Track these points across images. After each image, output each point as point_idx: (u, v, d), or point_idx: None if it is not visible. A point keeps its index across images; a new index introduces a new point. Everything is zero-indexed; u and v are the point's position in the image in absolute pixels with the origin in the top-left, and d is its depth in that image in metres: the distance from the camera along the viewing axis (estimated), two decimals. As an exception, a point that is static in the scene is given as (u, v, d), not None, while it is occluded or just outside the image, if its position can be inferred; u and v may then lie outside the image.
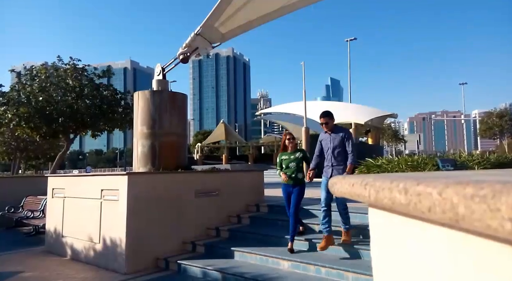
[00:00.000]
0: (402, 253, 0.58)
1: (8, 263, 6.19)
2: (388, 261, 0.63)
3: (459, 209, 0.36)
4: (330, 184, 0.75)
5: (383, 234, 0.65)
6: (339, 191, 0.68)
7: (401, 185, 0.46)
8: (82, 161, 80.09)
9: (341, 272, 4.21)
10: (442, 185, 0.39)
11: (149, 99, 7.13)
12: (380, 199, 0.51)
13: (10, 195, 10.51)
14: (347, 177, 0.66)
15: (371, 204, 0.58)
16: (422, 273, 0.51)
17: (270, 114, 47.44)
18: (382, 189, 0.50)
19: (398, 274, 0.59)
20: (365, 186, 0.55)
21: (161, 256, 5.66)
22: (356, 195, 0.59)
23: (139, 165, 7.04)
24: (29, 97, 12.10)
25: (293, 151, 5.26)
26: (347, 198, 4.20)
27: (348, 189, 0.62)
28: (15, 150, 19.79)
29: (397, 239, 0.59)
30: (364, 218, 5.35)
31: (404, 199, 0.45)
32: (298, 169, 5.13)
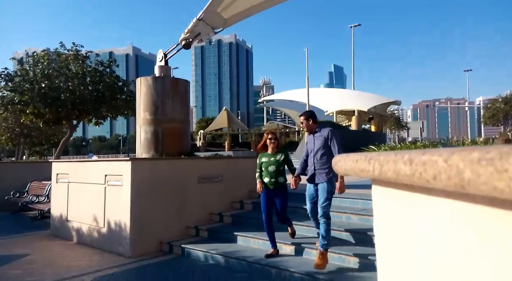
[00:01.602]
0: (405, 228, 0.58)
1: (15, 246, 6.30)
2: (391, 237, 0.64)
3: (465, 174, 0.36)
4: (333, 162, 0.75)
5: (386, 210, 0.66)
6: (343, 168, 0.68)
7: (406, 157, 0.46)
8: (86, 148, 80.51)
9: (343, 256, 4.26)
10: (448, 152, 0.39)
11: (151, 85, 7.12)
12: (384, 172, 0.51)
13: (15, 180, 10.63)
14: (350, 154, 0.66)
15: (375, 179, 0.58)
16: (426, 247, 0.52)
17: (273, 101, 47.24)
18: (386, 162, 0.50)
19: (401, 249, 0.60)
20: (369, 161, 0.55)
21: (165, 241, 5.75)
22: (360, 171, 0.59)
23: (142, 151, 7.07)
24: (32, 83, 12.09)
25: (274, 152, 4.75)
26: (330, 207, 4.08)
27: (352, 165, 0.62)
28: (19, 136, 19.91)
29: (400, 214, 0.60)
30: (366, 203, 5.39)
31: (409, 170, 0.45)
32: (279, 172, 4.66)
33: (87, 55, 13.53)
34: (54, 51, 13.38)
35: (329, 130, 4.22)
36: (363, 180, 8.17)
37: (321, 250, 4.07)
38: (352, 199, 5.62)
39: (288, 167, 4.76)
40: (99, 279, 4.52)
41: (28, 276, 4.62)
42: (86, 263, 5.21)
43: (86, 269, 4.91)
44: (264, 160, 4.75)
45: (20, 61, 13.55)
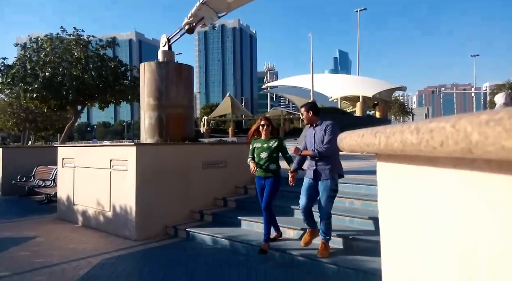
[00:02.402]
0: (411, 202, 0.58)
1: (23, 228, 6.42)
2: (396, 212, 0.64)
3: (472, 136, 0.36)
4: (339, 139, 0.74)
5: (391, 185, 0.65)
6: (348, 145, 0.67)
7: (413, 126, 0.46)
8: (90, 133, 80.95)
9: (346, 240, 4.29)
10: (455, 118, 0.39)
11: (155, 70, 7.08)
12: (390, 144, 0.51)
13: (21, 164, 10.76)
14: (356, 130, 0.66)
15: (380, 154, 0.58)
16: (432, 219, 0.52)
17: (277, 87, 46.94)
18: (393, 133, 0.50)
19: (406, 223, 0.60)
20: (375, 134, 0.55)
21: (170, 224, 5.83)
22: (366, 145, 0.58)
23: (147, 137, 7.10)
24: (35, 69, 12.07)
25: (267, 138, 4.57)
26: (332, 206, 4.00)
27: (358, 140, 0.61)
28: (24, 121, 20.04)
29: (405, 189, 0.60)
30: (370, 189, 5.40)
31: (416, 139, 0.45)
32: (271, 159, 4.47)
33: (89, 40, 13.46)
34: (56, 36, 13.32)
35: (329, 123, 3.99)
36: (367, 165, 8.21)
37: (323, 241, 4.08)
38: (355, 185, 5.64)
39: (283, 154, 4.53)
40: (106, 261, 4.61)
41: (36, 258, 4.72)
42: (92, 246, 5.30)
43: (93, 251, 5.01)
44: (256, 145, 4.59)
45: (24, 46, 13.51)
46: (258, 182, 4.62)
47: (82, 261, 4.56)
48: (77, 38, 13.08)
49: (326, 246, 4.08)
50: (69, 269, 4.30)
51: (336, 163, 4.01)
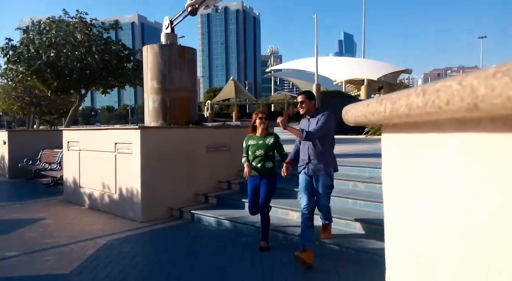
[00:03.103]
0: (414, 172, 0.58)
1: (31, 210, 6.54)
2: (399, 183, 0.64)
3: (479, 91, 0.36)
4: (343, 112, 0.74)
5: (395, 156, 0.65)
6: (353, 116, 0.67)
7: (419, 89, 0.46)
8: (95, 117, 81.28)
9: (349, 222, 4.35)
10: (462, 76, 0.40)
11: (158, 53, 7.03)
12: (396, 109, 0.51)
13: (27, 148, 10.87)
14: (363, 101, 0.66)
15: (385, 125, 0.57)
16: (435, 186, 0.52)
17: (281, 71, 46.50)
18: (399, 98, 0.50)
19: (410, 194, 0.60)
20: (381, 102, 0.55)
21: (175, 207, 5.91)
22: (371, 114, 0.58)
23: (151, 120, 7.11)
24: (38, 52, 12.04)
25: (263, 135, 4.22)
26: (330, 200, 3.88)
27: (363, 110, 0.61)
28: (29, 105, 20.11)
29: (409, 158, 0.60)
30: (373, 171, 5.42)
31: (422, 101, 0.45)
32: (267, 157, 4.14)
33: (92, 23, 13.33)
34: (59, 19, 13.20)
35: (324, 112, 3.71)
36: (370, 149, 8.20)
37: (324, 224, 4.13)
38: (359, 168, 5.65)
39: (278, 152, 4.19)
40: (113, 242, 4.70)
41: (45, 239, 4.83)
42: (99, 227, 5.40)
43: (100, 232, 5.10)
44: (251, 143, 4.24)
45: (26, 30, 13.41)
46: (252, 181, 4.21)
47: (89, 242, 4.66)
48: (80, 21, 12.96)
49: (328, 228, 4.14)
50: (77, 249, 4.40)
51: (330, 157, 3.76)
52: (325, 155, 3.71)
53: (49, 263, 3.97)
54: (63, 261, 4.01)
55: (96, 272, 3.67)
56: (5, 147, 11.15)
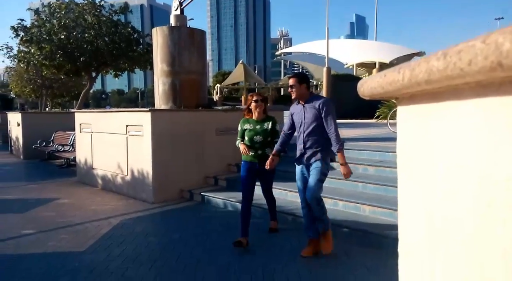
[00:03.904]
0: (430, 142, 0.57)
1: (45, 191, 6.71)
2: (414, 155, 0.64)
3: (503, 46, 0.35)
4: (359, 85, 0.72)
5: (410, 128, 0.65)
6: (369, 88, 0.66)
7: (439, 53, 0.45)
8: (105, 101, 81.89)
9: (358, 205, 4.37)
10: (486, 34, 0.38)
11: (167, 35, 6.99)
12: (414, 76, 0.49)
13: (40, 130, 11.06)
14: (379, 72, 0.64)
15: (403, 89, 0.56)
16: (453, 156, 0.51)
17: (290, 54, 45.89)
18: (418, 64, 0.49)
19: (427, 165, 0.59)
20: (399, 70, 0.54)
21: (186, 189, 5.99)
22: (388, 84, 0.57)
23: (161, 103, 7.14)
24: (50, 34, 12.08)
25: (260, 119, 3.87)
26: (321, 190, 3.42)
27: (380, 81, 0.60)
28: (41, 87, 20.34)
29: (426, 129, 0.59)
30: (384, 155, 5.39)
31: (442, 64, 0.44)
32: (267, 143, 3.83)
33: (101, 5, 13.27)
34: (68, 1, 13.16)
35: (323, 100, 3.39)
36: (380, 133, 8.12)
37: (322, 230, 3.48)
38: (369, 151, 5.62)
39: (272, 138, 3.87)
40: (125, 221, 4.82)
41: (60, 218, 4.97)
42: (112, 207, 5.53)
43: (113, 212, 5.23)
44: (248, 127, 3.86)
45: (37, 11, 13.42)
46: (249, 169, 3.87)
47: (103, 221, 4.78)
48: (90, 3, 12.91)
49: (327, 236, 3.48)
50: (91, 228, 4.52)
51: (326, 144, 3.40)
52: (321, 144, 3.38)
53: (64, 241, 4.09)
54: (78, 239, 4.13)
55: (110, 250, 3.77)
56: (19, 128, 11.37)
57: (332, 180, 5.10)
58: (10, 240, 4.13)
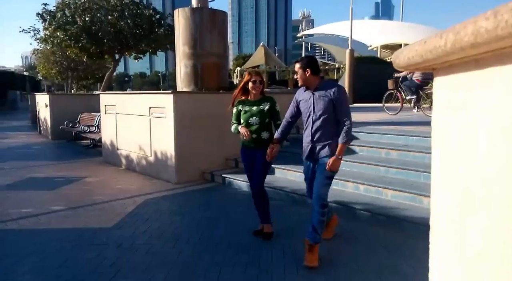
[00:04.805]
0: (472, 113, 0.55)
1: (73, 170, 6.98)
2: (453, 126, 0.62)
3: None
4: (394, 56, 0.70)
5: (449, 99, 0.63)
6: (406, 58, 0.64)
7: (489, 12, 0.43)
8: (128, 83, 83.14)
9: (380, 189, 4.33)
10: None
11: (189, 17, 6.98)
12: (459, 40, 0.47)
13: (67, 111, 11.42)
14: (418, 40, 0.62)
15: (444, 56, 0.53)
16: (496, 125, 0.50)
17: (312, 36, 44.92)
18: (464, 26, 0.46)
19: (467, 135, 0.58)
20: (441, 35, 0.52)
21: (207, 170, 6.09)
22: (428, 52, 0.55)
23: (183, 86, 7.20)
24: (74, 16, 12.29)
25: (257, 99, 3.53)
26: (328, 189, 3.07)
27: (419, 49, 0.58)
28: (67, 69, 20.86)
29: (467, 102, 0.57)
30: (407, 140, 5.28)
31: (492, 23, 0.41)
32: (263, 126, 3.47)
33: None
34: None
35: (337, 88, 3.01)
36: (403, 117, 7.93)
37: (311, 243, 3.01)
38: (391, 135, 5.52)
39: (273, 120, 3.51)
40: (149, 200, 4.97)
41: (88, 196, 5.18)
42: (137, 187, 5.70)
43: (137, 192, 5.40)
44: (243, 108, 3.54)
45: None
46: (246, 154, 3.61)
47: (128, 200, 4.95)
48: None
49: (313, 250, 3.02)
50: (117, 206, 4.70)
51: (337, 137, 3.06)
52: (332, 135, 3.04)
53: (92, 217, 4.28)
54: (105, 216, 4.31)
55: (136, 227, 3.92)
56: (47, 110, 11.77)
57: (354, 164, 5.07)
58: (42, 215, 4.35)
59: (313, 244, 3.02)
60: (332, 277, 2.84)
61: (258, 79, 3.49)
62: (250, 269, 2.99)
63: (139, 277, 2.86)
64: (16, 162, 7.68)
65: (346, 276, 2.86)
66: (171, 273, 2.92)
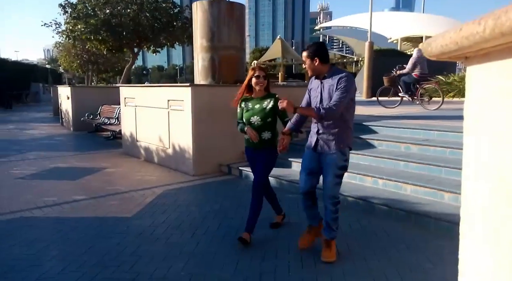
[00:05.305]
0: (509, 104, 0.54)
1: (94, 160, 7.16)
2: (489, 114, 0.60)
3: None
4: (426, 44, 0.68)
5: (483, 89, 0.61)
6: (440, 46, 0.62)
7: None
8: (146, 76, 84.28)
9: (400, 184, 4.26)
10: None
11: (207, 9, 6.98)
12: (499, 25, 0.45)
13: (88, 103, 11.68)
14: (453, 27, 0.60)
15: (482, 42, 0.52)
16: None
17: (330, 28, 44.29)
18: (505, 12, 0.44)
19: (507, 132, 0.56)
20: (480, 21, 0.50)
21: (224, 163, 6.13)
22: (465, 38, 0.54)
23: (200, 79, 7.24)
24: (94, 10, 12.50)
25: (261, 96, 3.34)
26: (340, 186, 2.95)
27: (453, 36, 0.56)
28: (87, 62, 21.31)
29: (504, 91, 0.56)
30: (428, 134, 5.17)
31: None
32: (265, 125, 3.29)
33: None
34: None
35: (343, 75, 2.81)
36: (424, 112, 7.77)
37: (328, 238, 3.01)
38: (412, 130, 5.42)
39: (281, 118, 3.33)
40: (168, 191, 5.05)
41: (108, 186, 5.31)
42: (156, 178, 5.80)
43: (156, 183, 5.49)
44: (245, 106, 3.38)
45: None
46: (248, 154, 3.49)
47: (147, 191, 5.05)
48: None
49: (330, 245, 3.01)
50: (137, 196, 4.80)
51: (346, 131, 2.90)
52: (340, 128, 2.85)
53: (113, 207, 4.39)
54: (125, 206, 4.41)
55: (155, 218, 4.00)
56: (69, 102, 12.06)
57: (372, 158, 5.01)
58: (65, 204, 4.49)
59: (329, 239, 3.01)
60: (350, 272, 2.84)
61: (261, 74, 3.28)
62: (266, 261, 3.02)
63: (159, 266, 2.92)
64: (40, 153, 7.93)
65: (364, 271, 2.85)
66: (190, 263, 2.98)
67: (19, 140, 9.86)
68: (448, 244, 3.18)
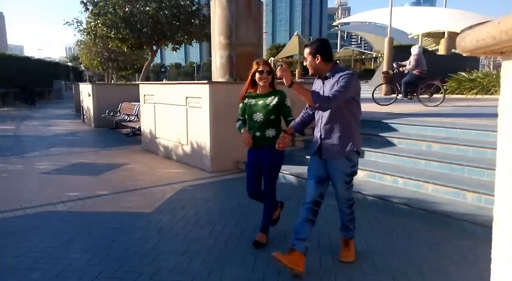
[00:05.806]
0: None
1: (115, 156, 7.32)
2: None
3: None
4: (459, 39, 0.66)
5: None
6: (475, 40, 0.60)
7: None
8: (164, 74, 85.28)
9: (421, 183, 4.19)
10: None
11: (226, 7, 6.99)
12: None
13: (108, 100, 11.93)
14: (489, 21, 0.58)
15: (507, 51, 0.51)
16: None
17: (349, 24, 43.66)
18: None
19: None
20: None
21: (241, 160, 6.15)
22: (503, 32, 0.52)
23: (218, 76, 7.28)
24: (115, 7, 12.72)
25: (265, 93, 3.15)
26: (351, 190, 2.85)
27: (491, 30, 0.55)
28: (107, 60, 21.74)
29: None
30: (450, 132, 5.05)
31: None
32: (268, 123, 3.10)
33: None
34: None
35: (345, 73, 2.59)
36: (446, 109, 7.58)
37: (347, 238, 2.98)
38: (433, 128, 5.30)
39: (284, 115, 3.13)
40: (187, 188, 5.12)
41: (129, 181, 5.42)
42: (174, 174, 5.89)
43: (175, 179, 5.57)
44: (250, 102, 3.17)
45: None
46: (250, 153, 3.28)
47: (166, 187, 5.13)
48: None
49: (349, 245, 2.98)
50: (156, 192, 4.88)
51: (352, 136, 2.70)
52: (345, 133, 2.67)
53: (134, 202, 4.48)
54: (146, 201, 4.50)
55: (174, 213, 4.07)
56: (90, 99, 12.35)
57: (392, 156, 4.93)
58: (88, 199, 4.62)
59: (348, 239, 3.00)
60: (370, 270, 2.81)
61: (265, 69, 3.05)
62: (285, 258, 3.02)
63: (178, 261, 2.97)
64: (62, 148, 8.16)
65: (384, 270, 2.82)
66: (208, 259, 3.02)
67: (43, 136, 10.18)
68: (471, 245, 3.11)
